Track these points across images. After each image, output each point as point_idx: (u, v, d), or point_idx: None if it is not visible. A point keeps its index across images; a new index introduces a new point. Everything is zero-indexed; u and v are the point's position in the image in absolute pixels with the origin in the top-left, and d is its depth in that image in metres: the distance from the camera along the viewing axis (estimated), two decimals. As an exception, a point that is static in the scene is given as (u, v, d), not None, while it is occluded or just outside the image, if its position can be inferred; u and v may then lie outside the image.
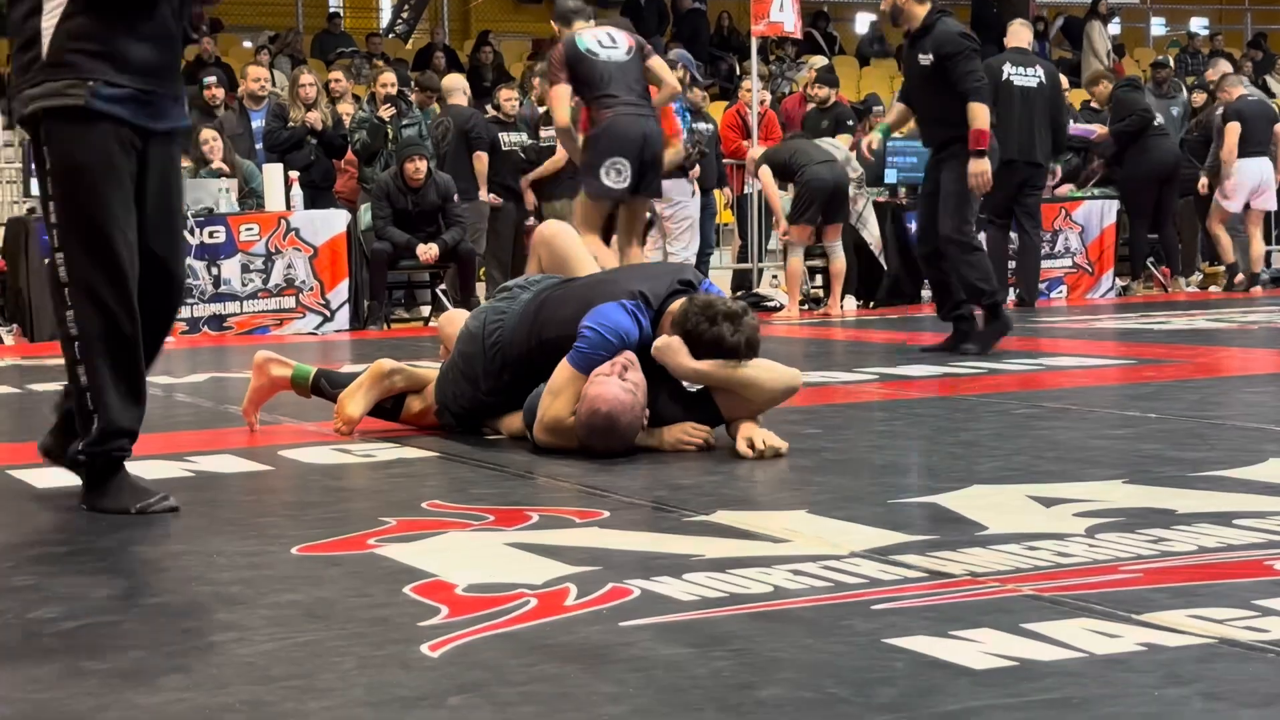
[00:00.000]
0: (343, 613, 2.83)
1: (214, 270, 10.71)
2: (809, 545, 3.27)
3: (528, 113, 12.69)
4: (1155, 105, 13.25)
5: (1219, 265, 13.97)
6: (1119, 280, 13.29)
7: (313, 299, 11.02)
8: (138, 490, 3.92)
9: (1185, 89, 16.94)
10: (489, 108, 12.73)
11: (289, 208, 11.13)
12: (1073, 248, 12.96)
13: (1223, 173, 13.21)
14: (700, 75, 11.95)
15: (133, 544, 3.51)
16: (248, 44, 20.10)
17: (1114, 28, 24.21)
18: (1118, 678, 2.29)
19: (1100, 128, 13.42)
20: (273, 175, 11.09)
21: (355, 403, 5.14)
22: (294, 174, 11.42)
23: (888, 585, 2.90)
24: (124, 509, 3.84)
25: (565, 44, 8.17)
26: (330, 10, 21.78)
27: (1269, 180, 13.37)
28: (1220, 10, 27.40)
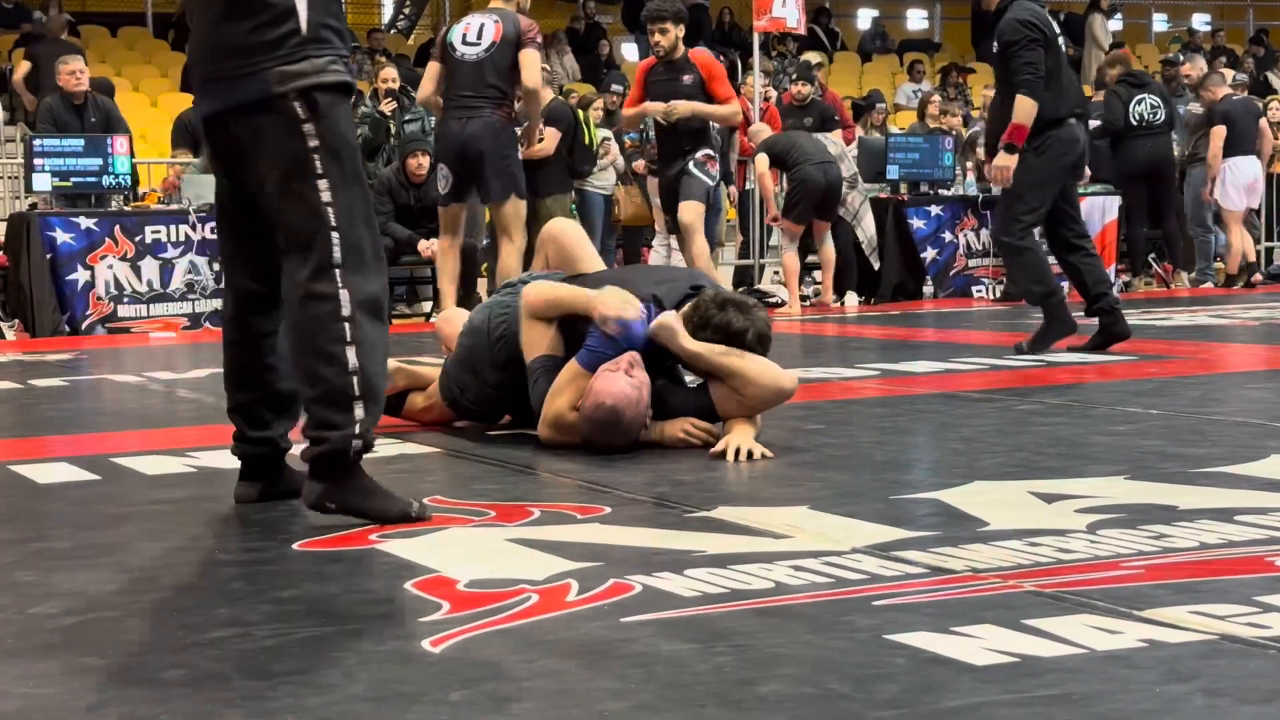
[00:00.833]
0: (344, 608, 2.83)
1: (216, 265, 10.71)
2: (810, 541, 3.27)
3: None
4: (1149, 104, 13.17)
5: (1220, 264, 14.00)
6: (1121, 276, 13.28)
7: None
8: (386, 491, 3.66)
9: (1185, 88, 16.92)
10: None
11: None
12: (1075, 244, 12.95)
13: (1209, 174, 13.25)
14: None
15: (134, 539, 3.51)
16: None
17: (1116, 23, 24.21)
18: (1119, 674, 2.29)
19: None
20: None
21: None
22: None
23: (889, 581, 2.90)
24: (404, 511, 3.59)
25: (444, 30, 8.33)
26: (332, 6, 21.73)
27: (1260, 178, 13.49)
28: (1222, 6, 27.39)
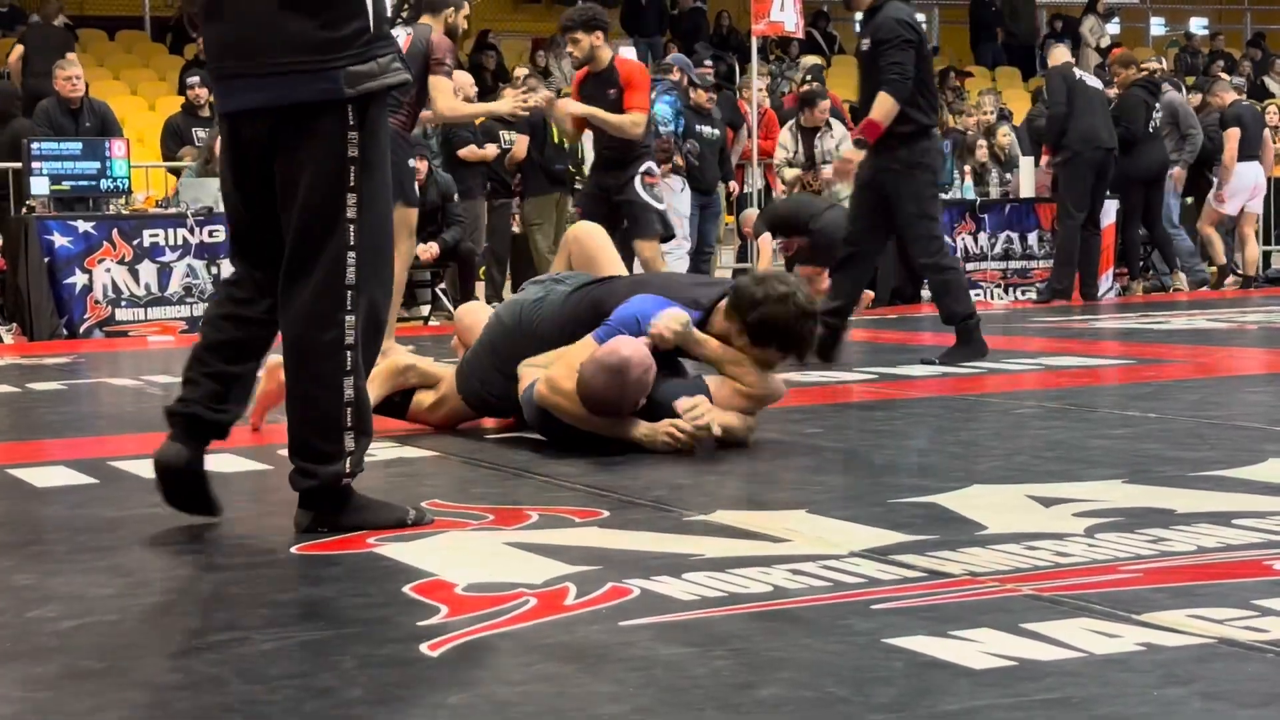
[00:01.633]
0: (342, 612, 2.83)
1: (214, 269, 10.72)
2: (808, 545, 3.27)
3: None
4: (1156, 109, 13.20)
5: (1213, 266, 14.03)
6: (1119, 280, 13.29)
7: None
8: (379, 503, 3.61)
9: (1184, 89, 16.94)
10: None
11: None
12: (1072, 247, 12.97)
13: (1221, 177, 13.28)
14: (698, 79, 11.89)
15: (131, 543, 3.51)
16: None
17: (1114, 27, 24.22)
18: (1117, 677, 2.29)
19: None
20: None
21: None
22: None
23: (887, 585, 2.90)
24: (400, 519, 3.55)
25: None
26: (330, 10, 21.72)
27: (1261, 184, 13.55)
28: (1220, 10, 27.40)
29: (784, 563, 3.08)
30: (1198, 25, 26.49)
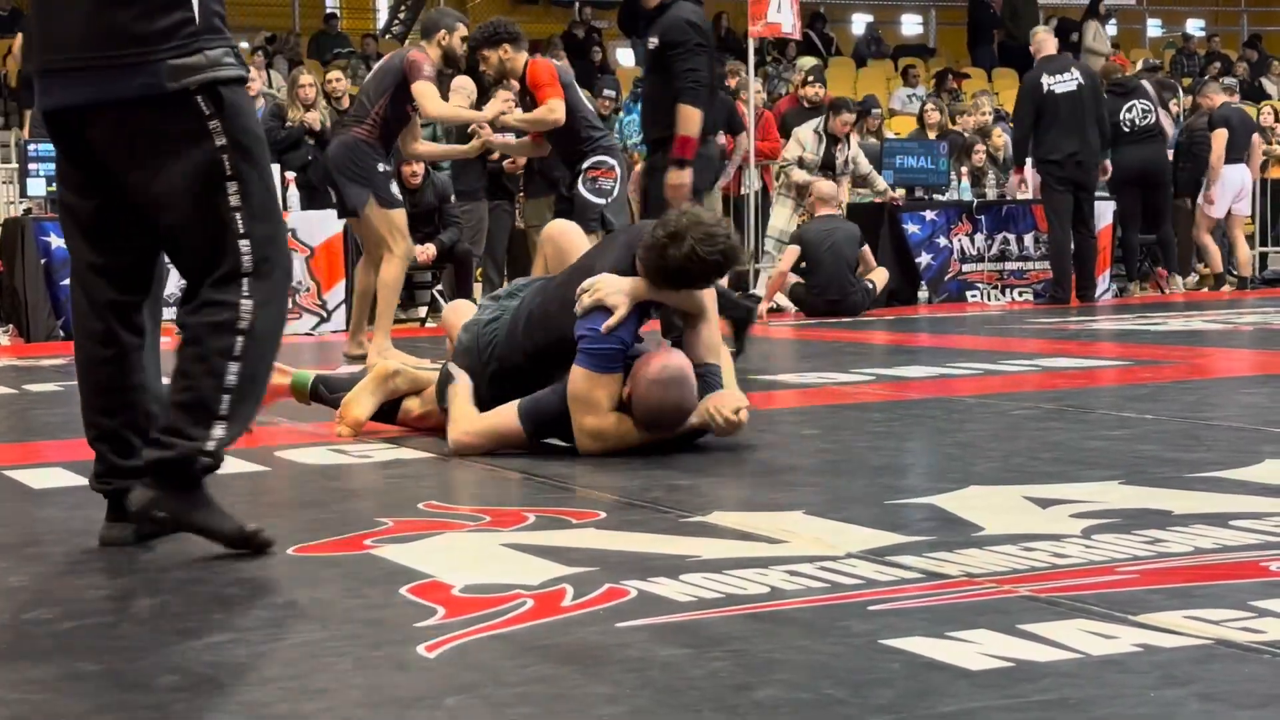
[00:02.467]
0: (339, 614, 2.82)
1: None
2: (806, 546, 3.27)
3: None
4: (1140, 108, 13.15)
5: (1206, 268, 14.07)
6: (1115, 281, 13.30)
7: (309, 300, 11.01)
8: (221, 509, 3.40)
9: (1181, 91, 16.95)
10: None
11: (285, 209, 11.13)
12: (1070, 249, 12.98)
13: (1209, 179, 13.31)
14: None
15: (128, 545, 3.50)
16: (244, 45, 20.08)
17: (1111, 28, 24.22)
18: (1114, 679, 2.29)
19: None
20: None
21: (361, 406, 5.13)
22: (290, 175, 11.42)
23: (884, 586, 2.90)
24: (239, 531, 3.33)
25: None
26: (327, 11, 21.77)
27: (1247, 186, 13.59)
28: (1216, 11, 27.41)
29: (781, 564, 3.08)
30: (1194, 26, 26.50)
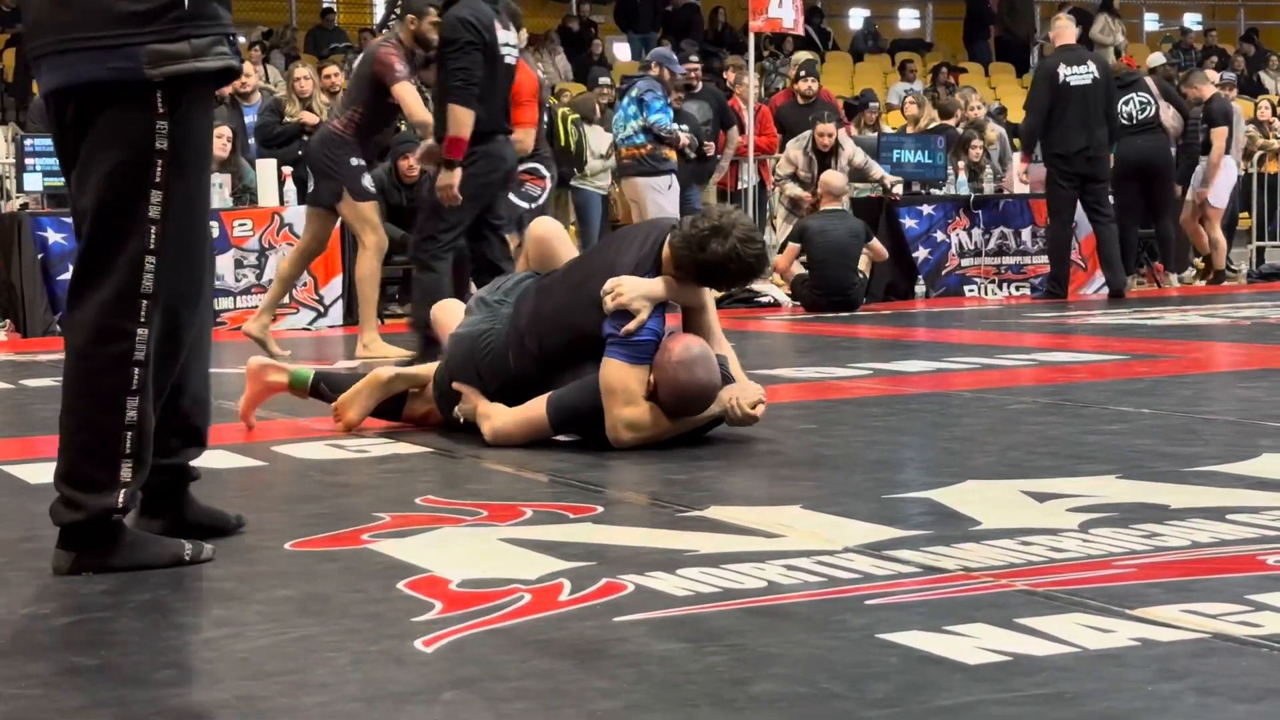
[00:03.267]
0: (337, 608, 2.82)
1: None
2: (803, 540, 3.27)
3: None
4: (1138, 101, 13.12)
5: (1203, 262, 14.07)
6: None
7: (306, 295, 11.01)
8: (152, 538, 3.25)
9: (1175, 84, 16.93)
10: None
11: (282, 203, 11.12)
12: (1066, 243, 12.97)
13: (1207, 174, 13.28)
14: (678, 74, 11.83)
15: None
16: (241, 40, 20.10)
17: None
18: (1111, 672, 2.29)
19: None
20: (266, 171, 11.07)
21: (354, 409, 5.11)
22: (287, 169, 11.41)
23: (882, 580, 2.90)
24: (177, 556, 3.19)
25: None
26: (324, 6, 21.74)
27: (1236, 178, 13.65)
28: (1214, 6, 27.42)
29: (778, 558, 3.08)
30: (1192, 21, 26.50)
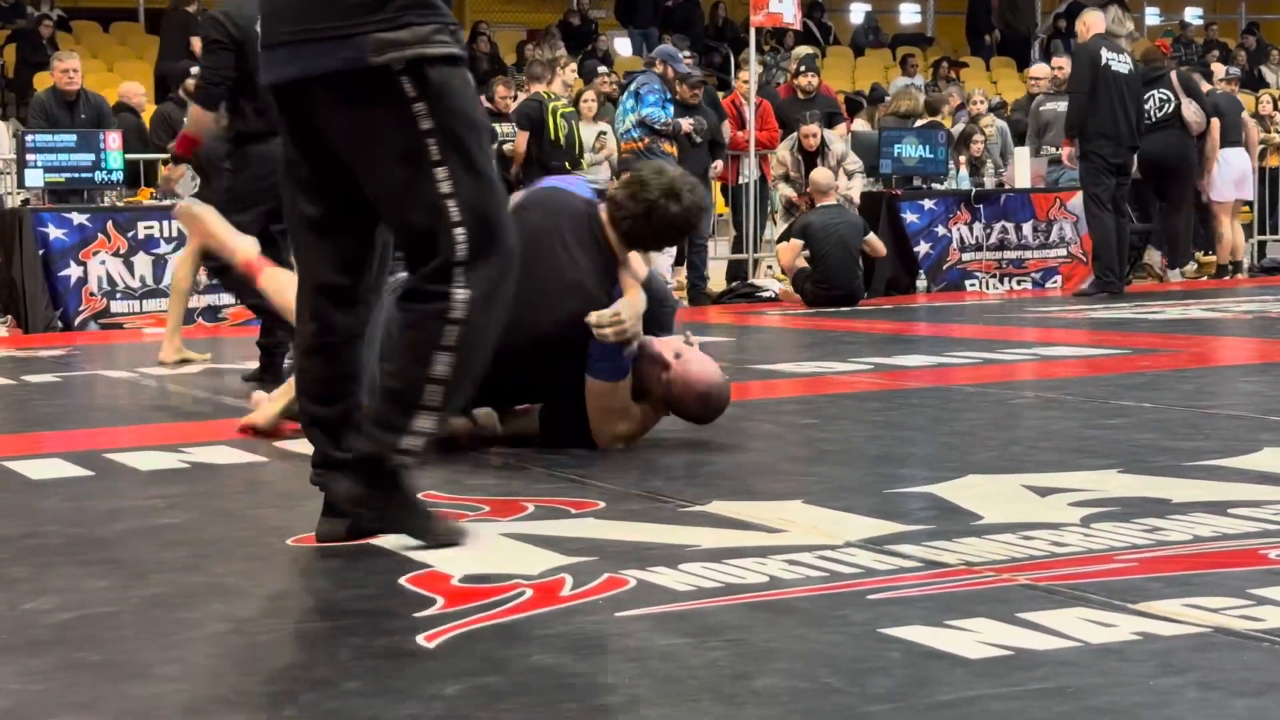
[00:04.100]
0: (338, 604, 2.83)
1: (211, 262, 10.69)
2: (805, 535, 3.27)
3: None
4: (1157, 98, 13.10)
5: (1213, 255, 14.03)
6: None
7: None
8: (425, 510, 3.30)
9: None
10: (484, 99, 12.69)
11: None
12: (1068, 237, 12.98)
13: (1206, 166, 13.27)
14: (686, 68, 11.84)
15: (128, 535, 3.51)
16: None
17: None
18: (1113, 667, 2.29)
19: None
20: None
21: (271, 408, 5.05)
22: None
23: (883, 575, 2.90)
24: (434, 536, 3.23)
25: None
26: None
27: (1247, 170, 13.52)
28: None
29: (780, 553, 3.08)
30: (1192, 15, 26.47)
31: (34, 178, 10.69)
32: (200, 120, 6.79)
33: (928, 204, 12.53)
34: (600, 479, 4.04)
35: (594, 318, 4.36)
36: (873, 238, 11.15)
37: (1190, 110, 12.93)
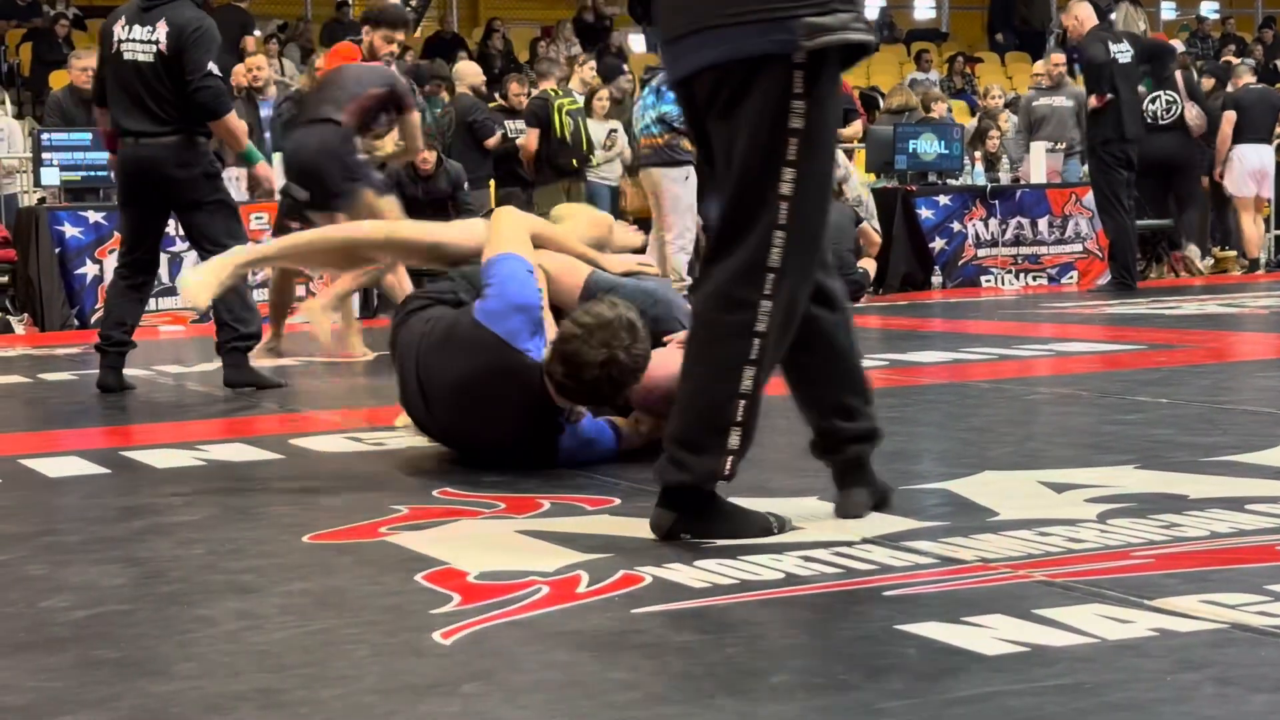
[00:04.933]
0: (355, 601, 2.83)
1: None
2: (820, 532, 3.26)
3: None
4: (1164, 100, 13.07)
5: (1230, 250, 13.99)
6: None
7: (323, 287, 11.01)
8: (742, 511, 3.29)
9: (1196, 73, 16.88)
10: (497, 96, 12.71)
11: (299, 196, 11.12)
12: (1083, 233, 12.95)
13: (1216, 158, 13.24)
14: None
15: (144, 533, 3.52)
16: (257, 33, 20.12)
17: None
18: (1130, 663, 2.29)
19: None
20: (282, 164, 11.08)
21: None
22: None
23: (900, 571, 2.89)
24: (765, 528, 3.24)
25: None
26: (338, -1, 21.74)
27: (1269, 167, 13.46)
28: (1231, -7, 27.31)
29: (796, 550, 3.08)
30: (1209, 9, 26.40)
31: (50, 176, 10.72)
32: (99, 118, 6.89)
33: (943, 199, 12.51)
34: (616, 475, 4.04)
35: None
36: (866, 227, 11.13)
37: (1192, 114, 12.94)
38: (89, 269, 10.51)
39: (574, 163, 12.12)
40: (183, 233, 7.18)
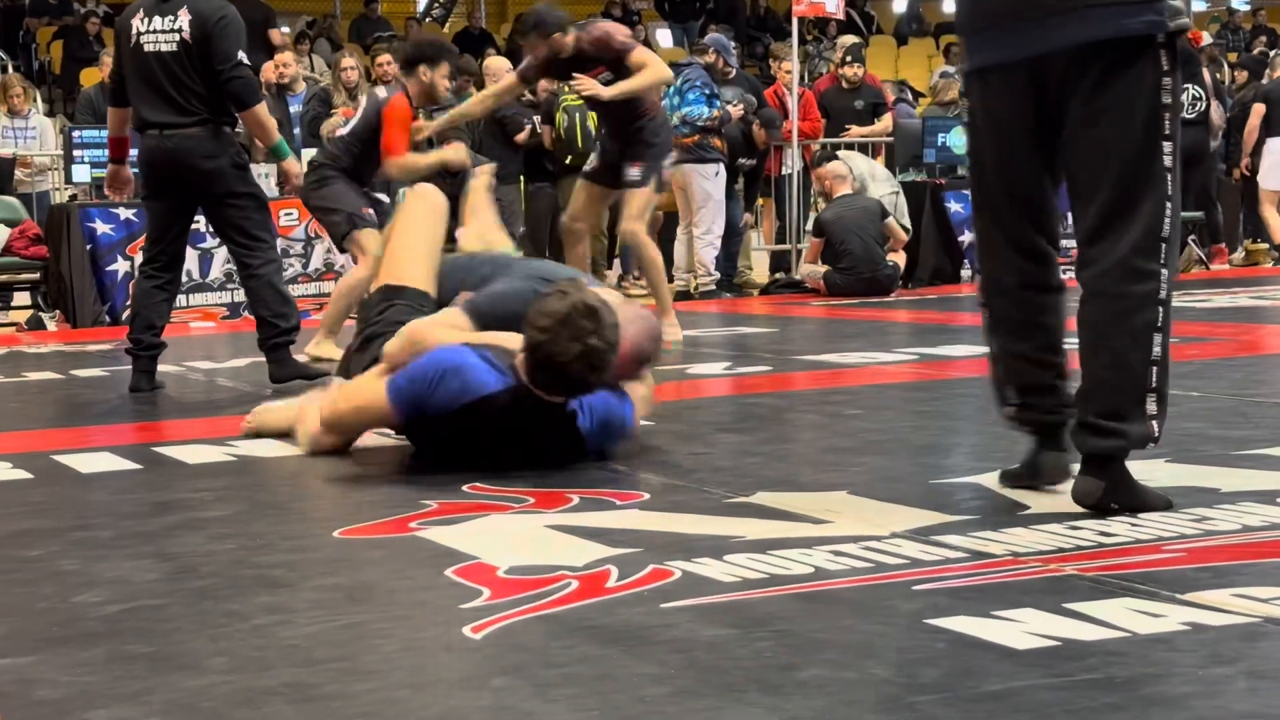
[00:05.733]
0: (385, 595, 2.84)
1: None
2: (850, 526, 3.26)
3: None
4: (1190, 94, 13.00)
5: (1262, 243, 13.92)
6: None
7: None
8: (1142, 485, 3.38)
9: (1227, 65, 16.80)
10: (526, 91, 12.69)
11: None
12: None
13: (1243, 151, 13.19)
14: (735, 61, 11.88)
15: (176, 528, 3.53)
16: (285, 29, 20.19)
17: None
18: (1161, 657, 2.28)
19: None
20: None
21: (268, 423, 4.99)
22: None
23: (929, 566, 2.89)
24: (1166, 504, 3.34)
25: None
26: (367, -5, 21.79)
27: None
28: (1262, -15, 27.13)
29: (825, 544, 3.08)
30: (1239, 1, 26.25)
31: (81, 173, 10.77)
32: (108, 119, 6.79)
33: (972, 193, 12.44)
34: (645, 470, 4.04)
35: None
36: (891, 222, 11.11)
37: (1216, 113, 12.91)
38: (120, 265, 10.55)
39: (568, 159, 12.12)
40: (211, 228, 7.15)
